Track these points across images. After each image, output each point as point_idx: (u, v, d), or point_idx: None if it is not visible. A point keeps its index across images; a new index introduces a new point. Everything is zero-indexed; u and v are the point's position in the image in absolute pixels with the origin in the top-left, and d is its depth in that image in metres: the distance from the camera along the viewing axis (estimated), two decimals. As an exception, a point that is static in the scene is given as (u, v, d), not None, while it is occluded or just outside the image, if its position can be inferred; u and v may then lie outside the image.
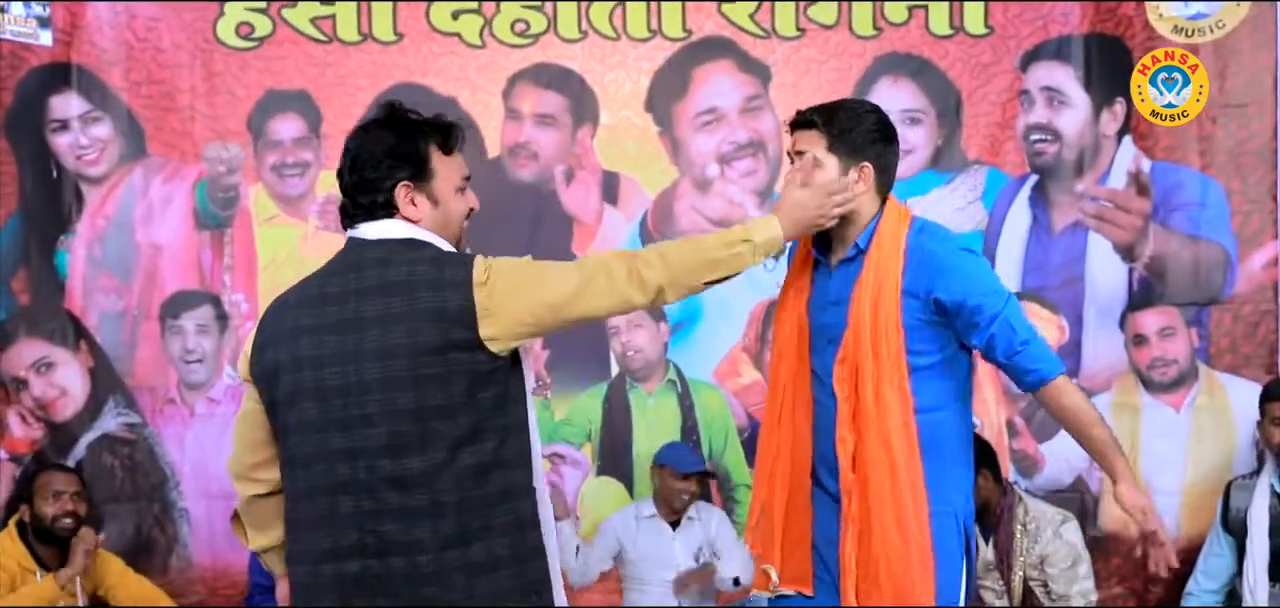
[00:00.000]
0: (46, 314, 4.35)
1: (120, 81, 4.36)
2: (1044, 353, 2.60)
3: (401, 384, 2.18)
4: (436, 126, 2.33)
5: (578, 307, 2.28)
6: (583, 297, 2.28)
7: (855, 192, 2.63)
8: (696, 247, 2.41)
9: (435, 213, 2.30)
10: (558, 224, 4.46)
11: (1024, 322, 2.61)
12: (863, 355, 2.59)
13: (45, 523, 3.83)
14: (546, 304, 2.26)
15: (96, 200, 4.39)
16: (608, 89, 4.47)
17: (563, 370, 4.51)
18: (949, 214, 4.46)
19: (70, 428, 4.36)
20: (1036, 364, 2.59)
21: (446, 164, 2.32)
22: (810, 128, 2.67)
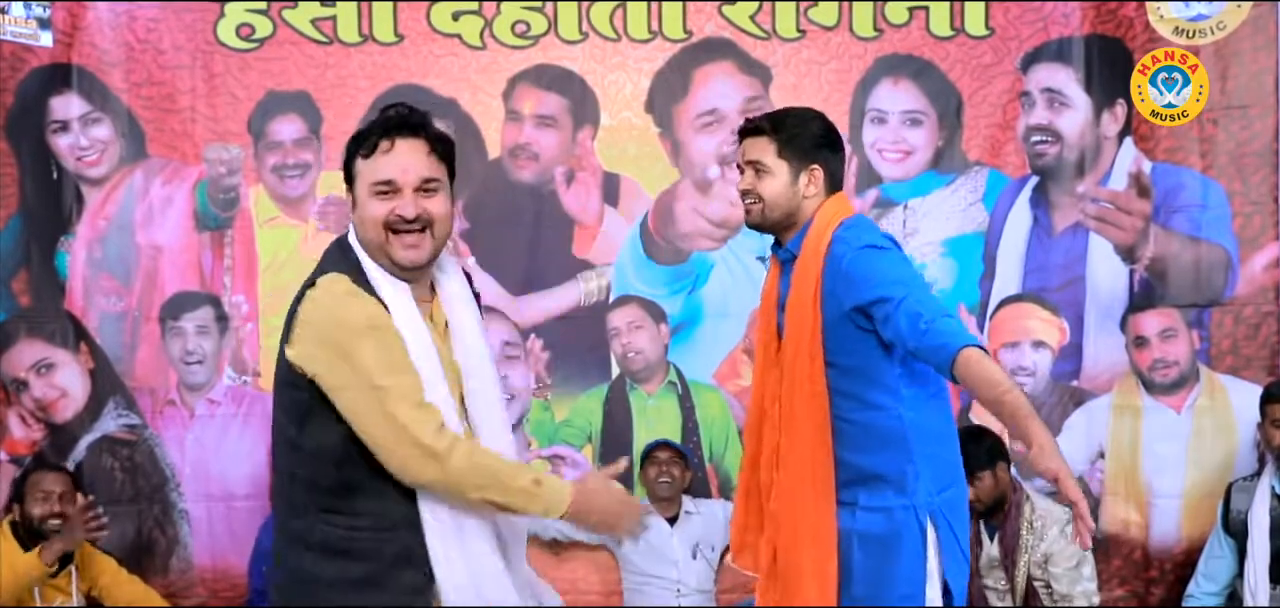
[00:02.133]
0: (47, 315, 4.34)
1: (121, 83, 4.35)
2: (950, 328, 2.49)
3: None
4: (362, 133, 2.28)
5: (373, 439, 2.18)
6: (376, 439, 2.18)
7: (806, 193, 2.70)
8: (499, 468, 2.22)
9: (356, 215, 2.27)
10: (558, 225, 4.46)
11: (930, 304, 2.54)
12: (791, 352, 2.65)
13: (33, 524, 3.81)
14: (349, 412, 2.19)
15: (97, 201, 4.38)
16: (608, 90, 4.46)
17: (563, 372, 4.50)
18: (950, 215, 4.47)
19: (70, 429, 4.34)
20: (943, 341, 2.47)
21: (365, 167, 2.25)
22: (759, 134, 2.72)
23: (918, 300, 2.53)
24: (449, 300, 2.34)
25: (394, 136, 2.23)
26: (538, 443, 4.50)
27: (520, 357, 4.48)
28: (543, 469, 2.45)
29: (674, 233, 4.46)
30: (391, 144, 2.23)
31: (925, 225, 4.46)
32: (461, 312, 2.34)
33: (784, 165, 2.70)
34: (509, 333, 4.46)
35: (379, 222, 2.22)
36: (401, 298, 2.24)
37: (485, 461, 2.20)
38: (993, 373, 2.48)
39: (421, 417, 2.15)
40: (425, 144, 2.25)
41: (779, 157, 2.71)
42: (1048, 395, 4.47)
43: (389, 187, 2.22)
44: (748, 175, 2.75)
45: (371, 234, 2.23)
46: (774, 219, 2.75)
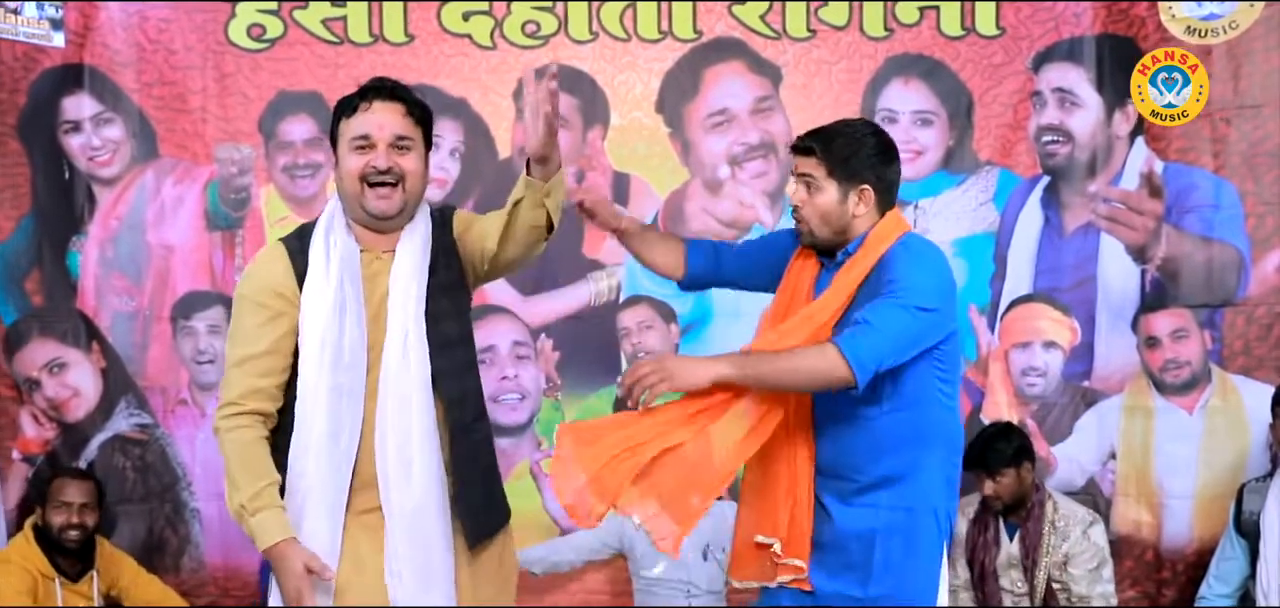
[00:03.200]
0: (59, 315, 4.34)
1: (132, 83, 4.35)
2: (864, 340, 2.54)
3: None
4: (346, 98, 2.53)
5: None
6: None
7: (856, 212, 2.73)
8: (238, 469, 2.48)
9: (337, 173, 2.53)
10: (569, 225, 4.15)
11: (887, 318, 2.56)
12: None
13: (54, 532, 3.83)
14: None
15: (108, 201, 4.38)
16: (618, 90, 4.44)
17: (573, 372, 4.49)
18: (960, 215, 4.45)
19: (82, 429, 4.36)
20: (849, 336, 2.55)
21: (345, 126, 2.50)
22: (810, 155, 2.75)
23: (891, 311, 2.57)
24: (400, 261, 2.51)
25: (372, 99, 2.46)
26: (548, 443, 4.48)
27: (530, 356, 4.47)
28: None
29: (685, 232, 4.41)
30: (370, 105, 2.46)
31: (936, 225, 4.42)
32: (404, 278, 2.50)
33: (833, 184, 2.74)
34: (519, 332, 4.45)
35: (355, 174, 2.45)
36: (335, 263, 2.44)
37: (237, 452, 2.43)
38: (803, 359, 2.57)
39: (227, 381, 2.47)
40: (402, 106, 2.49)
41: (829, 176, 2.74)
42: (1059, 396, 4.45)
43: (365, 141, 2.44)
44: (798, 191, 2.79)
45: (348, 187, 2.47)
46: (823, 236, 2.78)
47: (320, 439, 2.45)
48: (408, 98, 2.51)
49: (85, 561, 3.91)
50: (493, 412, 4.28)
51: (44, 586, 3.83)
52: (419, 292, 2.53)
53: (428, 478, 2.50)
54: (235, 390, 2.46)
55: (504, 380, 4.43)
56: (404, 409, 2.48)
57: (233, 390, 2.46)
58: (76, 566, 3.90)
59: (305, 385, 2.45)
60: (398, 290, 2.51)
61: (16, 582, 3.77)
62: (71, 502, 3.83)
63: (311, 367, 2.46)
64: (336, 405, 2.45)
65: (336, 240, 2.49)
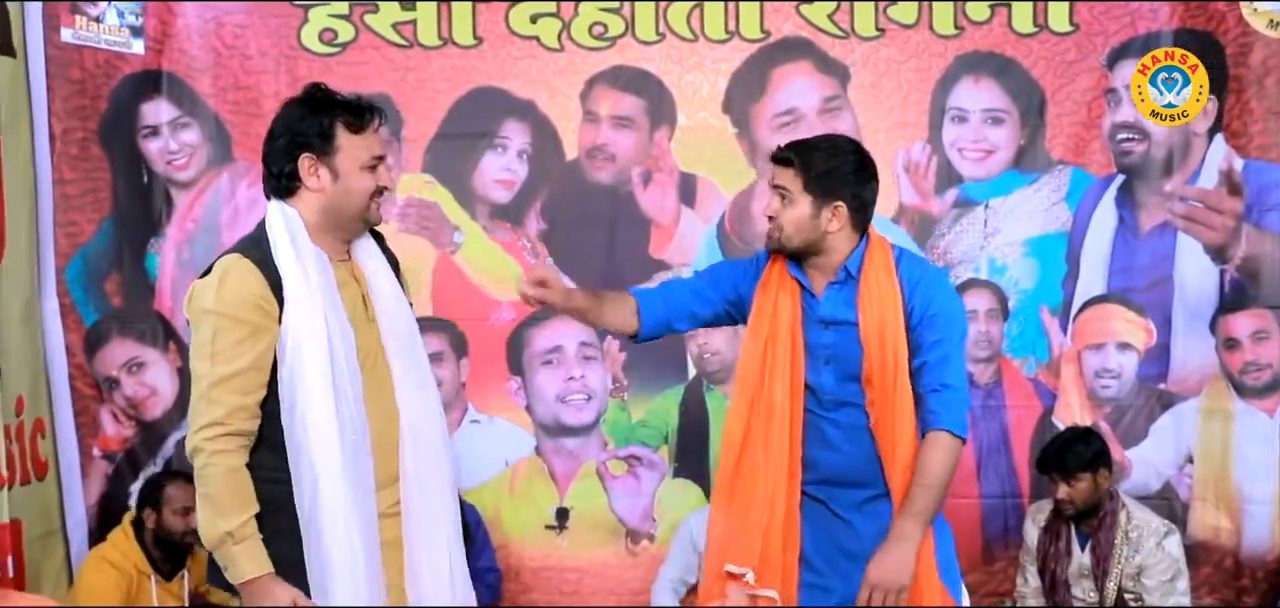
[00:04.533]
0: (138, 315, 4.39)
1: (208, 88, 4.38)
2: (957, 407, 2.72)
3: None
4: (348, 105, 2.53)
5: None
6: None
7: (828, 229, 2.77)
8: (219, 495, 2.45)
9: (334, 187, 2.52)
10: (635, 226, 4.44)
11: (957, 369, 2.74)
12: (878, 371, 2.72)
13: (174, 537, 3.87)
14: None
15: (185, 204, 4.43)
16: (685, 91, 4.43)
17: (640, 373, 4.49)
18: (1032, 215, 4.40)
19: (160, 427, 4.40)
20: (944, 411, 2.71)
21: (353, 142, 2.52)
22: (787, 166, 2.78)
23: (956, 354, 2.75)
24: (364, 261, 2.60)
25: (377, 121, 2.58)
26: (614, 443, 4.49)
27: (597, 357, 4.48)
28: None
29: (751, 233, 4.42)
30: (377, 127, 2.57)
31: (1007, 225, 4.38)
32: (381, 275, 2.60)
33: (808, 199, 2.76)
34: (586, 333, 4.45)
35: (369, 190, 2.54)
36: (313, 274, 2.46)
37: (223, 478, 2.39)
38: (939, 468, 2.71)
39: (208, 399, 2.41)
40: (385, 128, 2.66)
41: (805, 190, 2.76)
42: (1134, 398, 4.39)
43: (379, 161, 2.55)
44: (773, 200, 2.82)
45: (357, 199, 2.53)
46: (793, 247, 2.81)
47: (335, 448, 2.44)
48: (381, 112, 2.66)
49: (178, 560, 3.96)
50: (560, 412, 4.44)
51: (140, 583, 3.88)
52: (392, 281, 2.66)
53: (447, 465, 2.63)
54: (219, 409, 2.41)
55: (571, 381, 4.45)
56: (422, 397, 2.58)
57: (216, 409, 2.41)
58: (170, 564, 3.95)
59: (311, 397, 2.43)
60: (383, 284, 2.61)
61: (114, 579, 3.83)
62: (190, 507, 3.79)
63: (315, 377, 2.44)
64: (343, 411, 2.46)
65: (304, 251, 2.50)
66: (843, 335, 2.78)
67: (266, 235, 2.51)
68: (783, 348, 2.80)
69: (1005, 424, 4.38)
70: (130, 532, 3.94)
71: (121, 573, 3.85)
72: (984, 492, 4.37)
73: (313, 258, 2.48)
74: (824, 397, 2.79)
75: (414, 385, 2.57)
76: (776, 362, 2.79)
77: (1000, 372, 4.40)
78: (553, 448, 4.48)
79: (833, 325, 2.78)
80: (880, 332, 2.73)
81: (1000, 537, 4.37)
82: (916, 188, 4.38)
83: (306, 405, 2.41)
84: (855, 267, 2.78)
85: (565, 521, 4.41)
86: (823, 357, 2.80)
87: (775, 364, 2.80)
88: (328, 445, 2.42)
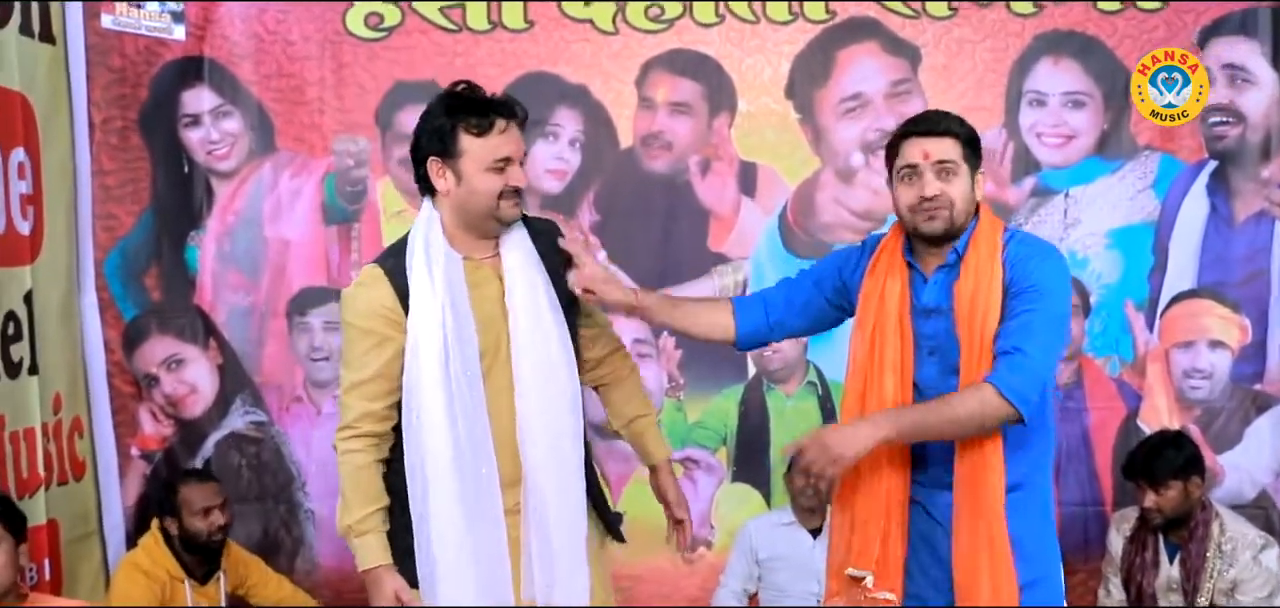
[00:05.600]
0: (177, 310, 4.34)
1: (250, 75, 4.32)
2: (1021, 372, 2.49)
3: None
4: (471, 106, 2.59)
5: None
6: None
7: (979, 199, 2.67)
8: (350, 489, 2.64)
9: (459, 189, 2.59)
10: (693, 217, 4.35)
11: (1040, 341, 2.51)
12: (966, 364, 2.57)
13: (200, 540, 3.80)
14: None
15: (226, 195, 4.37)
16: (746, 75, 4.33)
17: (696, 371, 4.40)
18: (1116, 204, 4.26)
19: (199, 426, 4.36)
20: (1005, 370, 2.49)
21: (477, 145, 2.57)
22: (948, 136, 2.64)
23: (1043, 322, 2.52)
24: (508, 257, 2.65)
25: (506, 120, 2.59)
26: (669, 445, 4.31)
27: (652, 355, 4.38)
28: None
29: (814, 224, 4.32)
30: (507, 127, 2.59)
31: (1089, 215, 4.25)
32: (517, 272, 2.64)
33: (967, 170, 2.65)
34: (640, 329, 4.35)
35: (494, 192, 2.58)
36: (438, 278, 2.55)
37: (350, 475, 2.60)
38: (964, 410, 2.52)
39: (342, 404, 2.63)
40: (517, 126, 2.63)
41: (964, 160, 2.64)
42: (1227, 400, 4.23)
43: (506, 163, 2.58)
44: (929, 178, 2.62)
45: (483, 201, 2.58)
46: (960, 224, 2.65)
47: (445, 449, 2.55)
48: (519, 115, 2.65)
49: (212, 562, 3.90)
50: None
51: (173, 587, 3.82)
52: (546, 282, 2.68)
53: (576, 466, 2.67)
54: (350, 414, 2.60)
55: (624, 379, 4.36)
56: (541, 398, 2.62)
57: (348, 414, 2.61)
58: (204, 567, 3.88)
59: (424, 399, 2.55)
60: (519, 282, 2.64)
61: (145, 585, 3.78)
62: (210, 505, 3.80)
63: (430, 380, 2.55)
64: (457, 412, 2.56)
65: (437, 254, 2.59)
66: (943, 324, 2.64)
67: (408, 240, 2.64)
68: (891, 338, 2.67)
69: (1086, 427, 4.27)
70: (159, 537, 3.86)
71: (153, 579, 3.77)
72: (1063, 499, 4.20)
73: (443, 260, 2.58)
74: (927, 393, 2.65)
75: (534, 387, 2.62)
76: (886, 354, 2.67)
77: (1081, 371, 4.28)
78: (605, 450, 4.33)
79: (934, 314, 2.65)
80: (971, 317, 2.57)
81: (1080, 547, 4.23)
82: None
83: (420, 407, 2.55)
84: (964, 246, 2.63)
85: (619, 525, 4.29)
86: (926, 348, 2.66)
87: (885, 356, 2.67)
88: (438, 447, 2.54)
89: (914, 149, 2.63)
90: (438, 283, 2.56)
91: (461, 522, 2.56)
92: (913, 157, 2.63)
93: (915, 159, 2.62)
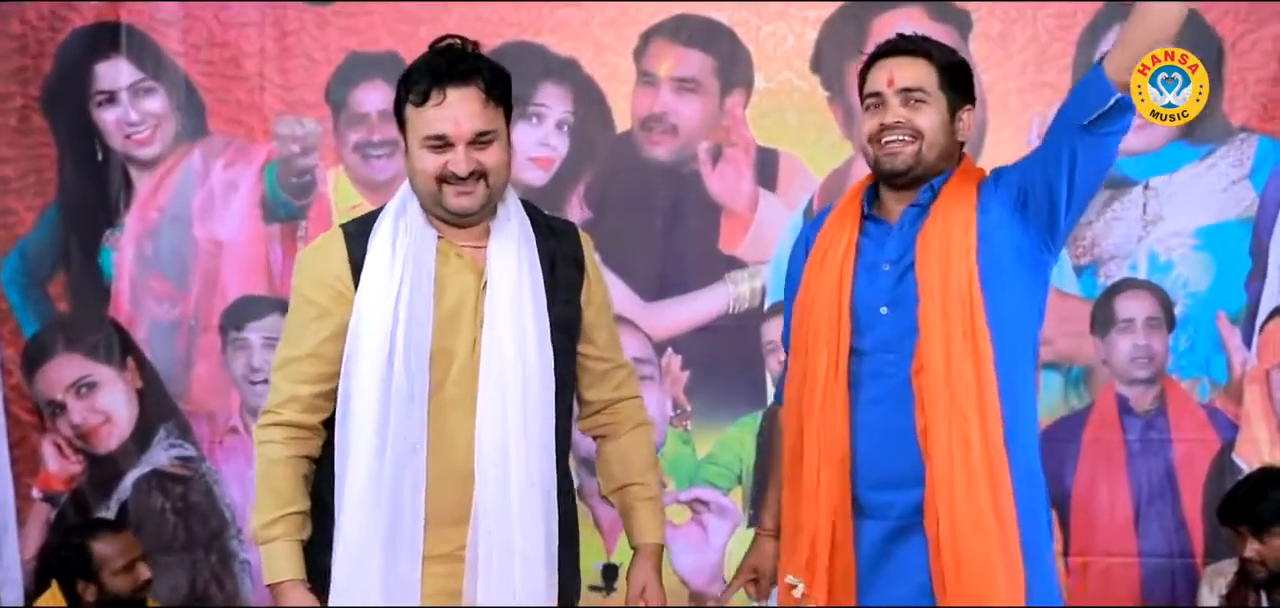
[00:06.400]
0: (89, 325, 4.07)
1: (177, 45, 4.06)
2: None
3: None
4: (412, 75, 2.40)
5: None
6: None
7: (961, 138, 2.53)
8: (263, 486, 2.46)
9: (407, 161, 2.44)
10: (702, 213, 4.03)
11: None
12: (932, 317, 2.42)
13: (123, 600, 3.56)
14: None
15: (148, 188, 4.11)
16: (764, 46, 4.03)
17: (706, 396, 4.07)
18: (1205, 198, 3.96)
19: (114, 462, 4.07)
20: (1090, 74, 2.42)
21: (415, 117, 2.38)
22: (918, 56, 2.50)
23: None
24: (496, 254, 2.44)
25: (445, 87, 2.35)
26: (675, 484, 4.05)
27: (654, 377, 4.05)
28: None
29: None
30: (443, 95, 2.34)
31: (1172, 211, 3.93)
32: (503, 268, 2.43)
33: (943, 100, 2.48)
34: (640, 347, 4.02)
35: (431, 175, 2.38)
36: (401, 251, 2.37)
37: (263, 470, 2.43)
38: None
39: (271, 385, 2.46)
40: (479, 89, 2.36)
41: (940, 88, 2.47)
42: None
43: (441, 141, 2.36)
44: (895, 105, 2.47)
45: (422, 185, 2.40)
46: (929, 163, 2.47)
47: (367, 459, 2.35)
48: (484, 73, 2.37)
49: None
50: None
51: None
52: (534, 286, 2.45)
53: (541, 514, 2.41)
54: (274, 397, 2.45)
55: (620, 406, 4.11)
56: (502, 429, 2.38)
57: (272, 397, 2.46)
58: None
59: (356, 393, 2.36)
60: (503, 286, 2.42)
61: None
62: (130, 557, 3.57)
63: (366, 371, 2.35)
64: (391, 420, 2.36)
65: (409, 225, 2.42)
66: (908, 275, 2.46)
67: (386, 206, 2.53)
68: (828, 301, 2.50)
69: (1171, 462, 3.94)
70: (58, 593, 3.59)
71: None
72: (1145, 549, 3.92)
73: (416, 234, 2.41)
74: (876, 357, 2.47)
75: (497, 413, 2.39)
76: (823, 323, 2.49)
77: (1164, 396, 3.96)
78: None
79: (898, 263, 2.49)
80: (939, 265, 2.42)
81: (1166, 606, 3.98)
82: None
83: (350, 401, 2.38)
84: (939, 184, 2.48)
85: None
86: (879, 304, 2.49)
87: (821, 326, 2.49)
88: (360, 456, 2.36)
89: (879, 74, 2.50)
90: (399, 256, 2.38)
91: (376, 559, 2.35)
92: (877, 82, 2.50)
93: (879, 86, 2.49)
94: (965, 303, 2.40)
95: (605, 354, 2.61)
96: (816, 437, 2.49)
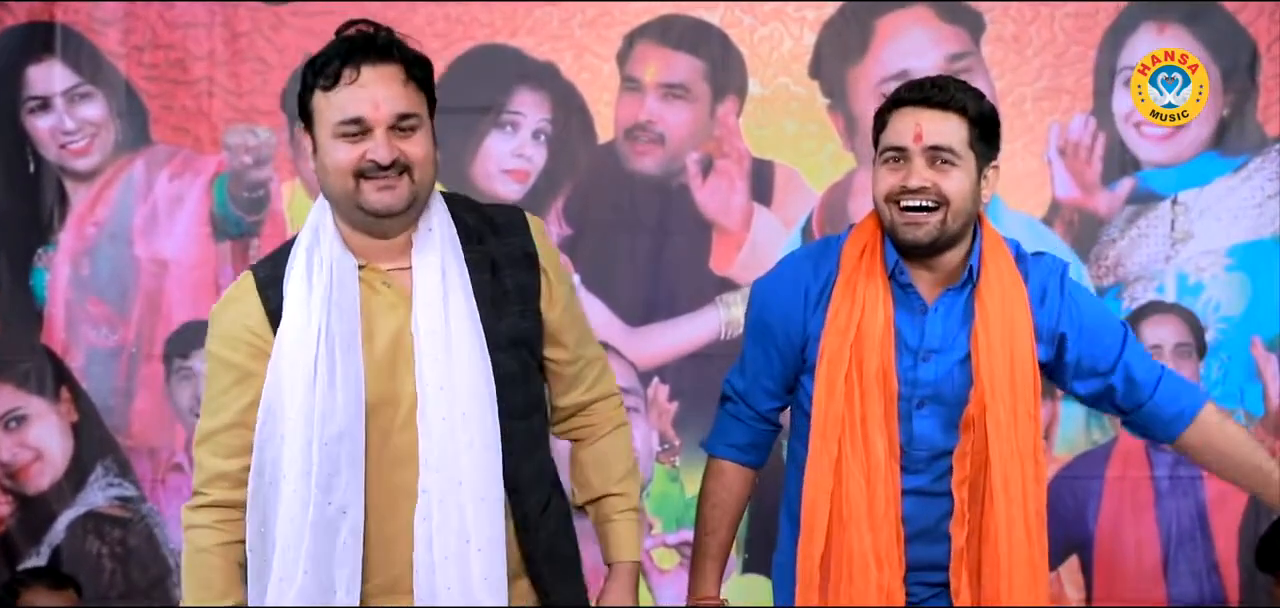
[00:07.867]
0: (19, 352, 3.99)
1: (117, 46, 3.97)
2: (1181, 382, 2.48)
3: None
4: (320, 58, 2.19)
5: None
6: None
7: (984, 200, 2.39)
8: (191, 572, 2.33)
9: (317, 163, 2.23)
10: (691, 230, 3.94)
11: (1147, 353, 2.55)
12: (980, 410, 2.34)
13: None
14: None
15: (85, 202, 4.03)
16: (758, 49, 3.92)
17: (696, 430, 3.80)
18: (1239, 214, 3.87)
19: (46, 503, 3.96)
20: (1179, 399, 2.43)
21: (326, 102, 2.17)
22: (950, 110, 2.32)
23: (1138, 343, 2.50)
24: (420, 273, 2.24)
25: (360, 64, 2.16)
26: (662, 525, 3.94)
27: (639, 408, 3.96)
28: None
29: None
30: (357, 73, 2.16)
31: (1203, 228, 3.83)
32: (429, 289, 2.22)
33: (973, 159, 2.32)
34: (625, 376, 3.89)
35: (347, 169, 2.17)
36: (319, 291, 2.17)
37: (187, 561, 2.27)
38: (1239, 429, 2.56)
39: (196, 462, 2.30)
40: (400, 68, 2.19)
41: (970, 146, 2.31)
42: None
43: (358, 127, 2.16)
44: (919, 164, 2.30)
45: (336, 183, 2.18)
46: (953, 233, 2.33)
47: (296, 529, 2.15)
48: (405, 53, 2.20)
49: None
50: (587, 484, 3.90)
51: None
52: (466, 301, 2.22)
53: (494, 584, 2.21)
54: (198, 476, 2.28)
55: (602, 442, 3.95)
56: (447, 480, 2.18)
57: (196, 476, 2.29)
58: None
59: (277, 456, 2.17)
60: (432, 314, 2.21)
61: None
62: None
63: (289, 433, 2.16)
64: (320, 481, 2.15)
65: (324, 257, 2.20)
66: (946, 366, 2.35)
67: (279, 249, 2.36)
68: (873, 385, 2.35)
69: (1202, 503, 3.85)
70: None
71: None
72: (1174, 596, 3.84)
73: (330, 267, 2.20)
74: (919, 456, 2.38)
75: (437, 464, 2.19)
76: (869, 406, 2.34)
77: None
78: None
79: (941, 352, 2.36)
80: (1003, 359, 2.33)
81: (1197, 659, 3.91)
82: (1077, 177, 3.88)
83: (270, 466, 2.20)
84: (977, 264, 2.37)
85: None
86: (917, 397, 2.37)
87: (868, 408, 2.35)
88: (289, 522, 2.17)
89: (905, 124, 2.31)
90: (316, 298, 2.16)
91: None
92: (902, 134, 2.31)
93: (904, 140, 2.30)
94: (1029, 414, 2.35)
95: (576, 353, 2.40)
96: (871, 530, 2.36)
